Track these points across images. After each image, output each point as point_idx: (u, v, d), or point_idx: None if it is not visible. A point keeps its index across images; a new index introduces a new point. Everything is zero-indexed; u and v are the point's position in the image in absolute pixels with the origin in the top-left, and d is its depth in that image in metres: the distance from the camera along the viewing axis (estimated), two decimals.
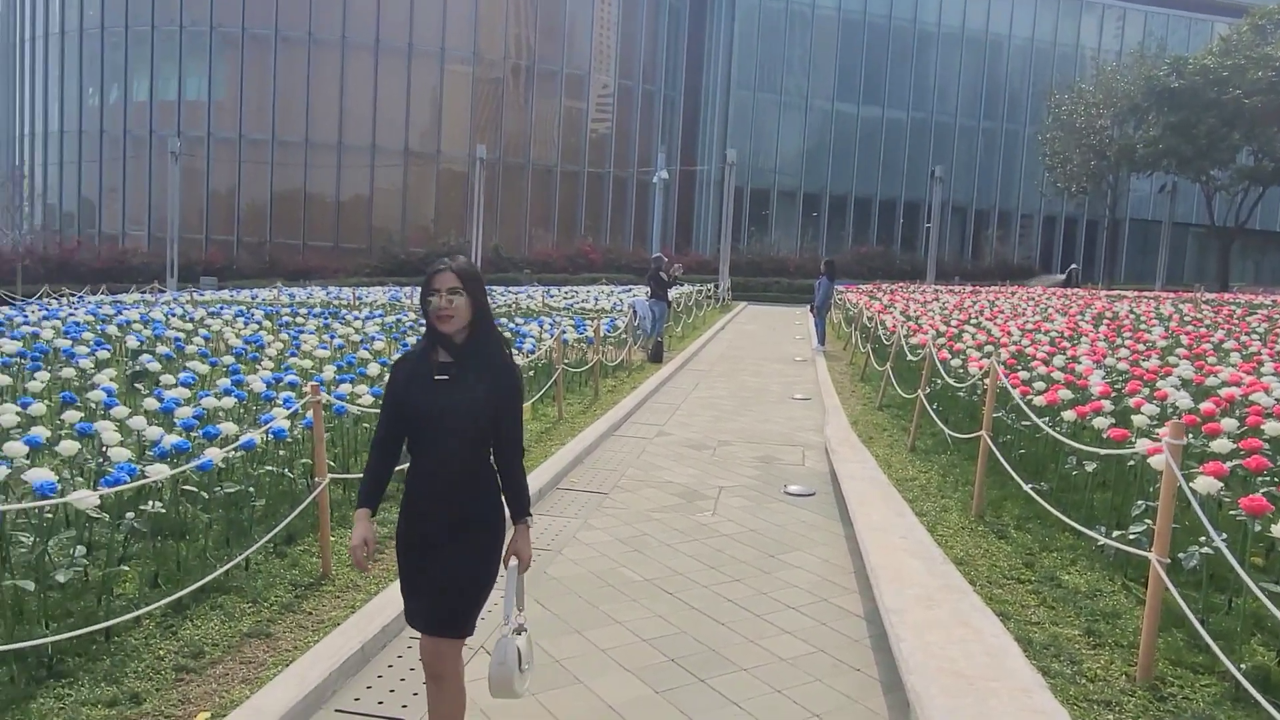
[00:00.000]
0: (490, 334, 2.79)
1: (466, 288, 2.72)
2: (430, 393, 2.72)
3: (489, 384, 2.72)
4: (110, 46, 45.92)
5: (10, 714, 3.22)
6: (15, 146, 50.68)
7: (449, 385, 2.71)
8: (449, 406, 2.69)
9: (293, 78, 44.96)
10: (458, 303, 2.70)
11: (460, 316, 2.71)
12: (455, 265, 2.76)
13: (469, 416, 2.70)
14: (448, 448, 2.72)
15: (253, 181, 45.48)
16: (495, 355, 2.78)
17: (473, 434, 2.73)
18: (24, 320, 10.60)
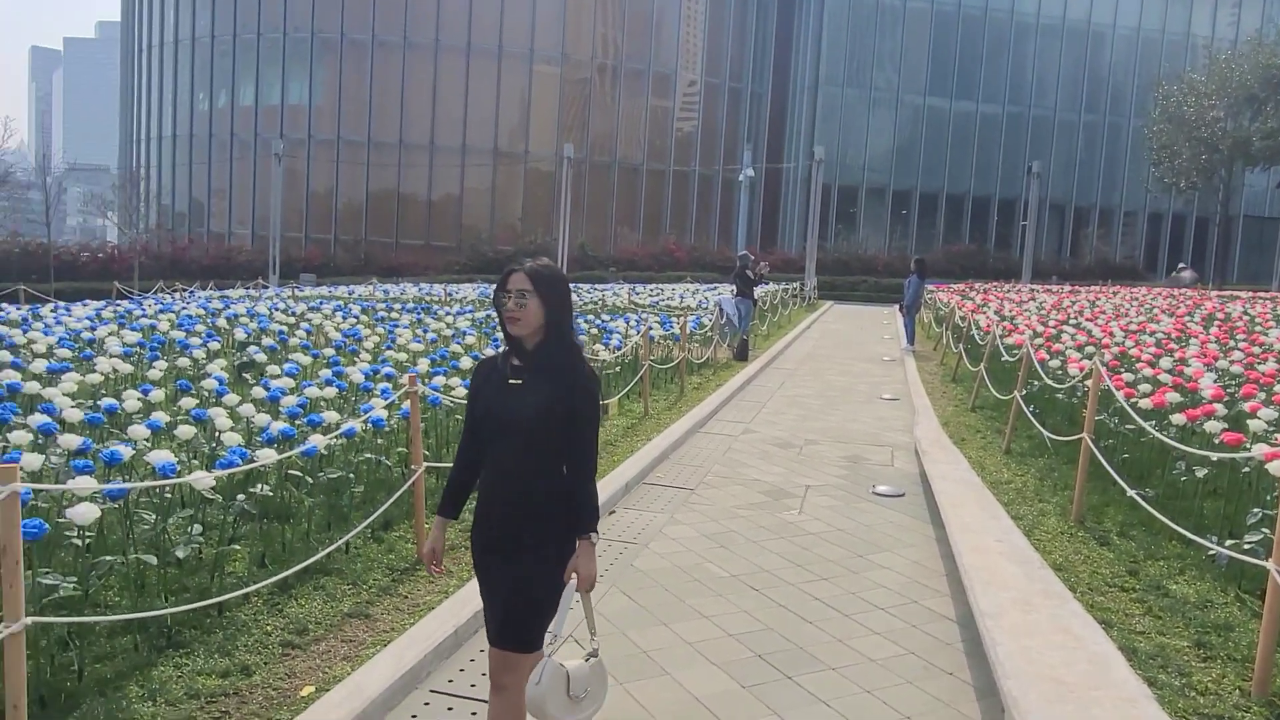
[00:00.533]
0: (564, 340, 2.63)
1: (538, 290, 2.58)
2: (501, 396, 2.64)
3: (559, 392, 2.58)
4: (219, 54, 48.15)
5: (135, 679, 3.43)
6: (133, 150, 53.63)
7: (520, 390, 2.61)
8: (516, 412, 2.59)
9: (388, 81, 46.35)
10: (528, 305, 2.58)
11: (529, 320, 2.58)
12: (529, 266, 2.63)
13: (535, 424, 2.58)
14: (513, 454, 2.62)
15: (349, 182, 47.08)
16: (568, 363, 2.62)
17: (538, 442, 2.60)
18: (142, 313, 11.23)
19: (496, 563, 2.67)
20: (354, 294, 20.96)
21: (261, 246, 40.63)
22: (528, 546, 2.63)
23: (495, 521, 2.67)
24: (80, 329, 9.04)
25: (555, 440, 2.60)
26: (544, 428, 2.58)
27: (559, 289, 2.64)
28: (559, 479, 2.64)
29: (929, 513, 6.46)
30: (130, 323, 9.91)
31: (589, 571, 2.64)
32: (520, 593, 2.62)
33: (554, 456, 2.62)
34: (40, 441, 4.42)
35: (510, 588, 2.63)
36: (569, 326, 2.68)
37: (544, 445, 2.60)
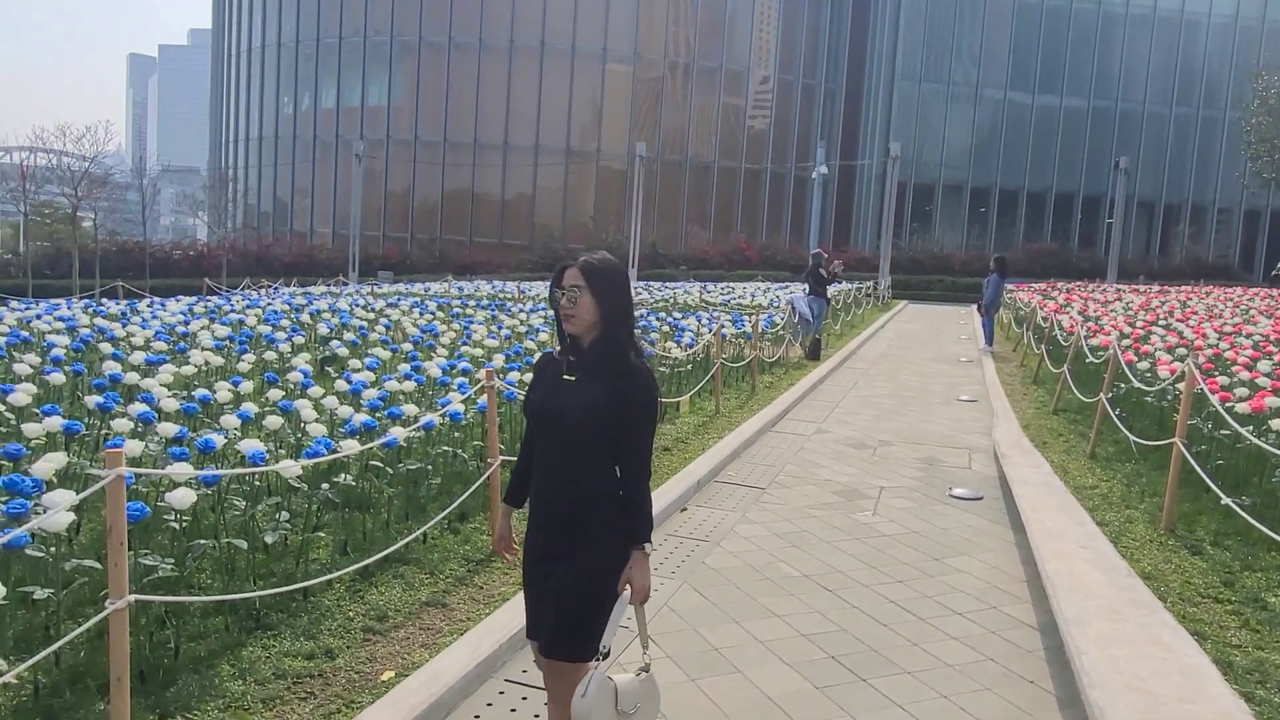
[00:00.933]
0: (618, 338, 2.53)
1: (590, 286, 2.50)
2: (554, 392, 2.58)
3: (611, 392, 2.47)
4: (303, 58, 49.69)
5: (226, 658, 3.57)
6: (222, 152, 55.73)
7: (571, 387, 2.54)
8: (566, 409, 2.52)
9: (464, 82, 47.17)
10: (580, 301, 2.50)
11: (582, 316, 2.51)
12: (582, 260, 2.55)
13: (581, 422, 2.49)
14: (559, 453, 2.56)
15: (426, 181, 48.09)
16: (623, 362, 2.51)
17: (586, 442, 2.51)
18: (231, 309, 11.68)
19: (543, 568, 2.59)
20: (429, 291, 21.39)
21: (341, 245, 41.79)
22: (570, 551, 2.54)
23: (540, 522, 2.62)
24: (175, 323, 9.45)
25: (603, 442, 2.50)
26: (591, 427, 2.49)
27: (613, 284, 2.54)
28: (607, 483, 2.54)
29: (1008, 517, 6.30)
30: (220, 317, 10.32)
31: (642, 583, 2.50)
32: (563, 599, 2.53)
33: (601, 458, 2.52)
34: (139, 429, 4.64)
35: (558, 593, 2.54)
36: (627, 323, 2.58)
37: (591, 446, 2.51)
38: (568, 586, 2.52)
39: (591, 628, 2.51)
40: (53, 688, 3.24)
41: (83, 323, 9.29)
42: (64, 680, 3.28)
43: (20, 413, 5.00)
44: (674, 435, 8.11)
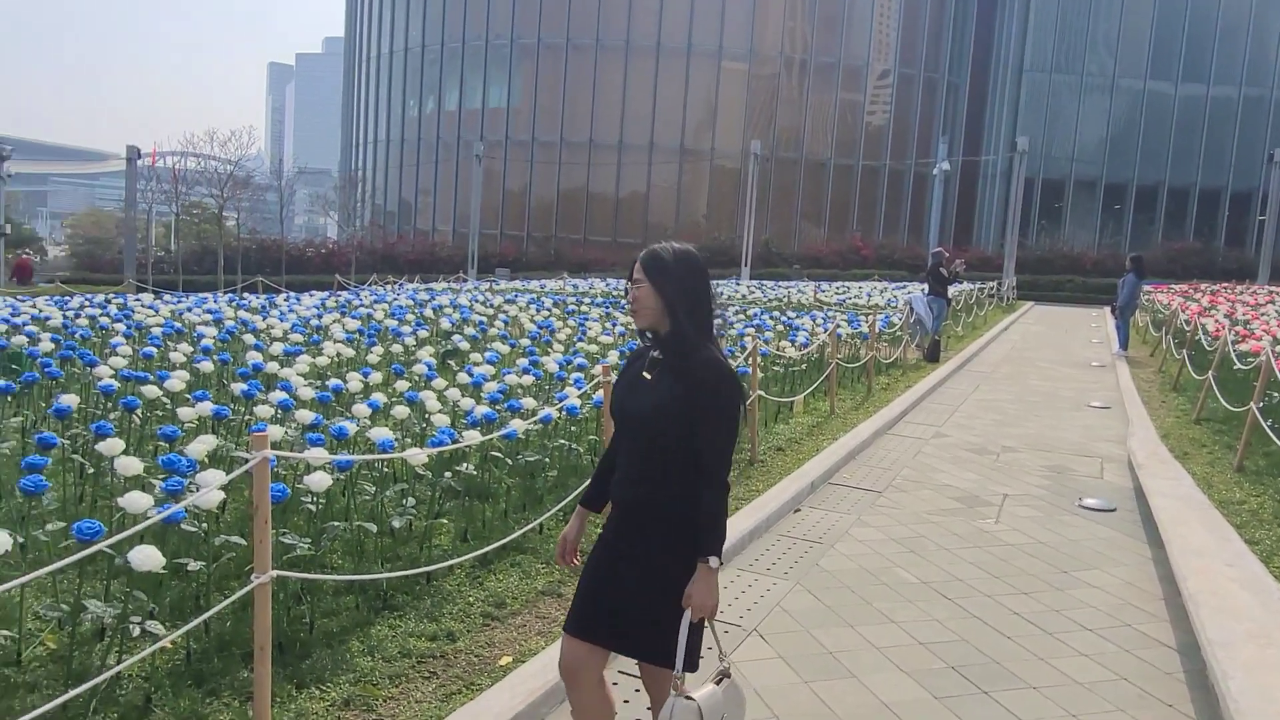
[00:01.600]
0: (688, 332, 2.37)
1: (650, 277, 2.39)
2: (631, 389, 2.49)
3: (685, 391, 2.34)
4: (428, 63, 51.52)
5: (356, 635, 3.74)
6: (352, 154, 58.39)
7: (647, 385, 2.43)
8: (639, 407, 2.43)
9: (580, 82, 47.92)
10: (641, 292, 2.40)
11: (645, 310, 2.41)
12: (645, 251, 2.45)
13: (652, 423, 2.38)
14: (634, 453, 2.46)
15: (542, 181, 49.10)
16: (696, 359, 2.35)
17: (658, 444, 2.39)
18: (359, 303, 12.23)
19: (609, 562, 2.51)
20: (545, 288, 21.84)
21: (461, 242, 43.11)
22: (636, 557, 2.43)
23: (611, 522, 2.54)
24: (309, 316, 9.98)
25: (677, 444, 2.36)
26: (663, 429, 2.36)
27: (674, 274, 2.39)
28: (681, 488, 2.39)
29: (1144, 531, 5.96)
30: (350, 311, 10.83)
31: (703, 600, 2.34)
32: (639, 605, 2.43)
33: (675, 462, 2.38)
34: (279, 416, 4.91)
35: (627, 597, 2.44)
36: (698, 316, 2.40)
37: (664, 448, 2.38)
38: (634, 593, 2.43)
39: (665, 634, 2.40)
40: (202, 653, 3.47)
41: (228, 315, 9.92)
42: (212, 647, 3.51)
43: (175, 398, 5.38)
44: (788, 435, 8.03)
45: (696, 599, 2.35)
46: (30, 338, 7.22)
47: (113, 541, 2.84)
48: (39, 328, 8.08)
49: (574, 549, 2.78)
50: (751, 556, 5.23)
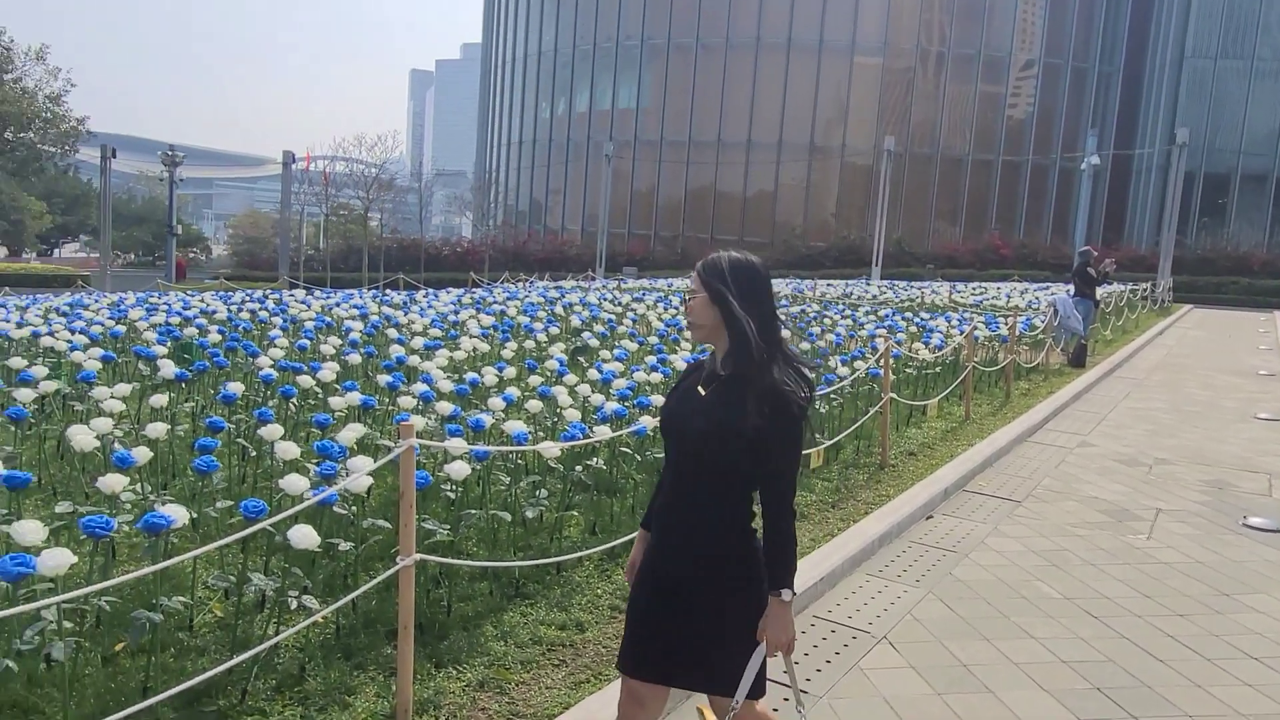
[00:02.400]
0: (750, 347, 2.17)
1: (708, 289, 2.22)
2: (683, 402, 2.31)
3: (743, 410, 2.14)
4: (561, 65, 52.64)
5: (490, 620, 3.88)
6: (487, 156, 60.35)
7: (702, 400, 2.25)
8: (687, 424, 2.25)
9: (710, 82, 47.87)
10: (695, 305, 2.25)
11: (700, 321, 2.26)
12: (701, 262, 2.28)
13: (704, 441, 2.20)
14: (683, 473, 2.29)
15: (670, 180, 49.35)
16: (757, 377, 2.16)
17: (711, 465, 2.21)
18: (493, 300, 12.64)
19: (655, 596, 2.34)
20: (672, 286, 21.93)
21: (589, 241, 43.86)
22: (691, 592, 2.27)
23: (661, 550, 2.35)
24: (446, 312, 10.39)
25: (733, 466, 2.19)
26: (718, 448, 2.18)
27: (733, 284, 2.21)
28: (734, 513, 2.25)
29: None
30: (485, 308, 11.20)
31: (778, 636, 2.20)
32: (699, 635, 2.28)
33: (730, 486, 2.23)
34: (420, 406, 5.14)
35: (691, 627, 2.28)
36: (762, 330, 2.21)
37: (719, 470, 2.21)
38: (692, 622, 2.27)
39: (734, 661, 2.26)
40: (350, 629, 3.68)
41: (372, 310, 10.45)
42: (359, 624, 3.72)
43: (326, 387, 5.71)
44: (920, 440, 7.79)
45: (772, 634, 2.21)
46: (200, 329, 7.82)
47: (274, 520, 3.05)
48: (207, 320, 8.74)
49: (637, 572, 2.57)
50: (882, 562, 5.12)
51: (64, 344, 6.52)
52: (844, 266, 39.41)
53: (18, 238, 58.65)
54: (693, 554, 2.27)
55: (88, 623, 3.43)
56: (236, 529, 3.04)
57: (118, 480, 3.31)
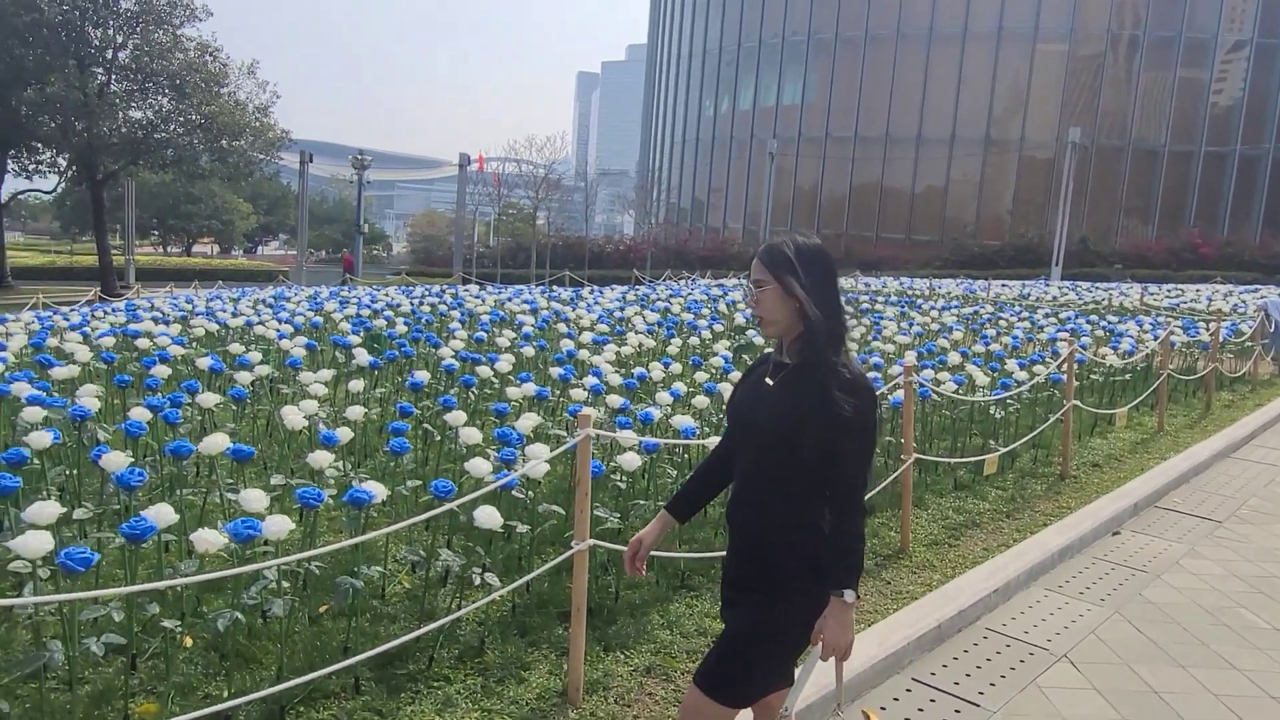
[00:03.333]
0: (820, 337, 2.08)
1: (775, 276, 2.10)
2: (752, 395, 2.23)
3: (812, 403, 2.05)
4: (725, 63, 52.63)
5: (655, 608, 3.97)
6: (650, 155, 61.21)
7: (768, 391, 2.17)
8: (756, 417, 2.17)
9: (878, 75, 46.52)
10: (765, 296, 2.13)
11: (770, 314, 2.14)
12: (765, 248, 2.15)
13: (769, 434, 2.12)
14: (752, 468, 2.22)
15: (834, 177, 48.35)
16: (826, 367, 2.07)
17: (776, 459, 2.13)
18: (656, 297, 12.84)
19: (727, 591, 2.31)
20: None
21: (750, 239, 43.68)
22: (757, 586, 2.19)
23: (734, 544, 2.29)
24: (612, 308, 10.65)
25: (797, 461, 2.09)
26: (782, 442, 2.10)
27: (802, 271, 2.09)
28: (803, 511, 2.13)
29: None
30: (649, 305, 11.40)
31: (836, 638, 2.08)
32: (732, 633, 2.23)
33: (795, 481, 2.12)
34: (590, 399, 5.31)
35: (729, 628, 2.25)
36: (831, 319, 2.11)
37: (783, 464, 2.12)
38: (742, 622, 2.20)
39: (748, 675, 2.18)
40: (524, 608, 3.86)
41: (542, 306, 10.85)
42: (533, 604, 3.90)
43: (502, 378, 5.99)
44: (1106, 451, 7.31)
45: (829, 637, 2.08)
46: (388, 321, 8.38)
47: (461, 502, 3.25)
48: (393, 313, 9.35)
49: (645, 554, 2.46)
50: (1062, 577, 4.86)
51: (273, 333, 7.16)
52: (1020, 266, 37.35)
53: (228, 236, 64.72)
54: (756, 553, 2.19)
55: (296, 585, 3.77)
56: (424, 507, 3.27)
57: (324, 457, 3.62)
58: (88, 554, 2.47)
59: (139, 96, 29.07)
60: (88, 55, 27.69)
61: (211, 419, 4.90)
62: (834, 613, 2.08)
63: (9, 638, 3.33)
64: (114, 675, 3.13)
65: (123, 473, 3.16)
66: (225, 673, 3.20)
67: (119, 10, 27.82)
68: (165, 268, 40.83)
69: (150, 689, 3.08)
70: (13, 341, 6.41)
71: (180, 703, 2.99)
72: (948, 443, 6.66)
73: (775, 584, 2.15)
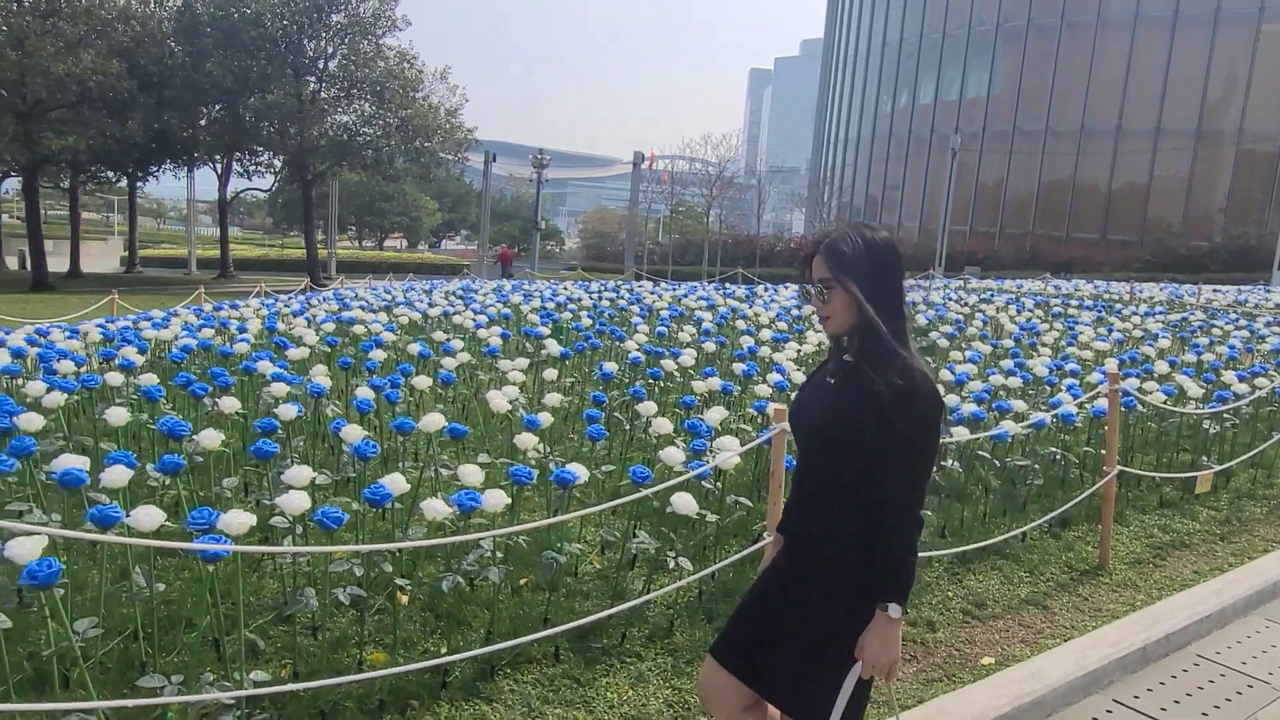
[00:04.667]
0: (879, 332, 1.96)
1: (838, 275, 1.97)
2: (811, 393, 2.15)
3: (870, 402, 1.92)
4: (905, 56, 50.93)
5: None
6: (823, 153, 60.19)
7: (827, 390, 2.07)
8: (810, 416, 2.09)
9: (1074, 65, 43.63)
10: (833, 298, 1.99)
11: (839, 316, 2.00)
12: (828, 244, 1.99)
13: (824, 435, 2.04)
14: (806, 471, 2.13)
15: (1021, 173, 45.79)
16: (889, 364, 1.93)
17: (831, 462, 2.03)
18: None
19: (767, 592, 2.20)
20: (1022, 288, 20.47)
21: (926, 239, 42.10)
22: (804, 595, 2.09)
23: (785, 551, 2.21)
24: (789, 306, 10.63)
25: (852, 464, 1.98)
26: (837, 444, 2.00)
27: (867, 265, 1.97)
28: (851, 519, 2.01)
29: None
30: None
31: (877, 654, 1.97)
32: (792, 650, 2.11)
33: (846, 488, 2.01)
34: (774, 394, 5.36)
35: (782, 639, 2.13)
36: (894, 313, 2.00)
37: (839, 468, 2.01)
38: (796, 638, 2.10)
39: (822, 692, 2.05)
40: (710, 595, 3.98)
41: (718, 302, 10.97)
42: (719, 591, 4.01)
43: (684, 371, 6.15)
44: None
45: (870, 652, 1.97)
46: (572, 314, 8.75)
47: (659, 489, 3.40)
48: (576, 306, 9.74)
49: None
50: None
51: (469, 322, 7.64)
52: (1234, 270, 34.07)
53: (415, 232, 69.02)
54: (810, 558, 2.10)
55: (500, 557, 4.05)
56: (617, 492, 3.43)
57: (529, 439, 3.87)
58: (339, 514, 2.78)
59: (344, 102, 31.47)
60: (302, 65, 30.24)
61: (421, 400, 5.31)
62: (877, 628, 1.97)
63: (259, 586, 3.77)
64: (346, 625, 3.49)
65: (359, 444, 3.51)
66: (440, 631, 3.50)
67: (330, 23, 30.19)
68: (361, 260, 44.08)
69: (377, 640, 3.41)
70: (251, 325, 7.17)
71: (404, 655, 3.30)
72: (1151, 457, 6.26)
73: (819, 594, 2.07)
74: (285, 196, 48.79)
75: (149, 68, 28.25)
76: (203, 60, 28.02)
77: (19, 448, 3.19)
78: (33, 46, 24.64)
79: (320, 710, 2.92)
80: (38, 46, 24.67)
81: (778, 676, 2.14)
